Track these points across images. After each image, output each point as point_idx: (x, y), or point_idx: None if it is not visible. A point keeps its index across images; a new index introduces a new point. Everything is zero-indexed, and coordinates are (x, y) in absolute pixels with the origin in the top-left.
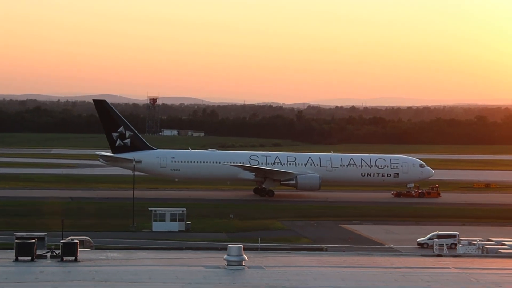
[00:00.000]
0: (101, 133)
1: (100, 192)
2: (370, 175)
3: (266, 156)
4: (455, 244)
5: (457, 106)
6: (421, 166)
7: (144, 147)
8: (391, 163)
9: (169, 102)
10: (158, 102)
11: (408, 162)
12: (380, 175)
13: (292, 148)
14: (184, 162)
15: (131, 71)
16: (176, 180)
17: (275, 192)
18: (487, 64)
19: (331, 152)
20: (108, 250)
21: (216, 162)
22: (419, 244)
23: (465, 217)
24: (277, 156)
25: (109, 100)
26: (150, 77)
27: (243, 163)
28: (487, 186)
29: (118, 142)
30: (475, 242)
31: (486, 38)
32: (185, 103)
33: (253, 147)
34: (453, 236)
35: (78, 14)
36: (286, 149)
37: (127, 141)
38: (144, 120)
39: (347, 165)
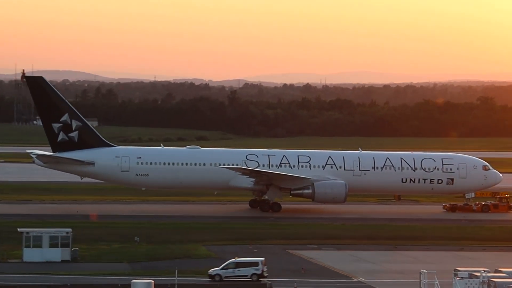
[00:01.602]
0: None
1: None
2: (413, 181)
3: (269, 156)
4: (258, 275)
5: (452, 83)
6: (485, 168)
7: (98, 143)
8: (442, 164)
9: (47, 78)
10: None
11: (467, 163)
12: (428, 181)
13: (223, 142)
14: (155, 164)
15: None
16: (143, 189)
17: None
18: (494, 27)
19: (358, 150)
20: None
21: (200, 164)
22: (210, 275)
23: (465, 238)
24: (284, 156)
25: None
26: (20, 43)
27: (237, 165)
28: (494, 196)
29: (61, 136)
30: (478, 274)
31: None
32: (71, 79)
33: (167, 142)
34: (255, 264)
35: None
36: (215, 143)
37: (74, 134)
38: (11, 103)
39: (382, 168)
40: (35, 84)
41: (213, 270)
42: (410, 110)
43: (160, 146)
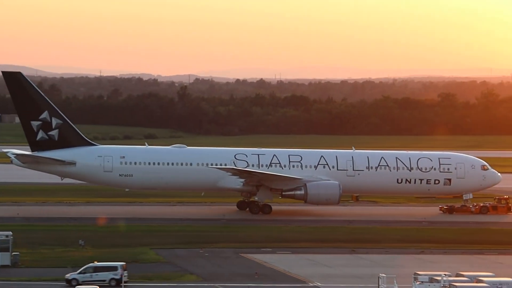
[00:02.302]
0: None
1: None
2: (409, 182)
3: (258, 155)
4: (116, 280)
5: (413, 79)
6: (484, 168)
7: (79, 141)
8: (439, 164)
9: None
10: None
11: (465, 163)
12: (425, 181)
13: (173, 140)
14: (139, 164)
15: None
16: (127, 190)
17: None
18: (454, 22)
19: (352, 149)
20: None
21: (186, 164)
22: (67, 280)
23: (425, 241)
24: (274, 155)
25: None
26: None
27: (226, 165)
28: (454, 196)
29: (41, 134)
30: (439, 278)
31: None
32: None
33: (114, 141)
34: (114, 268)
35: None
36: (166, 142)
37: (54, 133)
38: None
39: (376, 167)
40: (12, 80)
41: (70, 275)
42: (369, 107)
43: (145, 145)
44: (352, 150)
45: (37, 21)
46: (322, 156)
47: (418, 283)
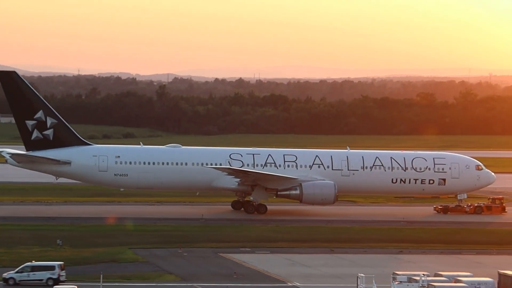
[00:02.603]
0: None
1: None
2: (404, 182)
3: (253, 155)
4: (54, 279)
5: (391, 79)
6: (478, 168)
7: (74, 141)
8: (434, 164)
9: None
10: None
11: (459, 163)
12: (419, 181)
13: (152, 140)
14: (135, 163)
15: None
16: (122, 189)
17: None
18: (433, 21)
19: (347, 148)
20: None
21: (181, 164)
22: (4, 279)
23: (404, 241)
24: (269, 154)
25: None
26: None
27: (221, 165)
28: (432, 197)
29: (36, 134)
30: (417, 278)
31: None
32: None
33: (92, 139)
34: (51, 268)
35: None
36: (145, 141)
37: (49, 132)
38: None
39: (371, 167)
40: (7, 79)
41: (7, 274)
42: (348, 107)
43: (140, 144)
44: (347, 150)
45: (14, 20)
46: (317, 156)
47: (396, 283)
